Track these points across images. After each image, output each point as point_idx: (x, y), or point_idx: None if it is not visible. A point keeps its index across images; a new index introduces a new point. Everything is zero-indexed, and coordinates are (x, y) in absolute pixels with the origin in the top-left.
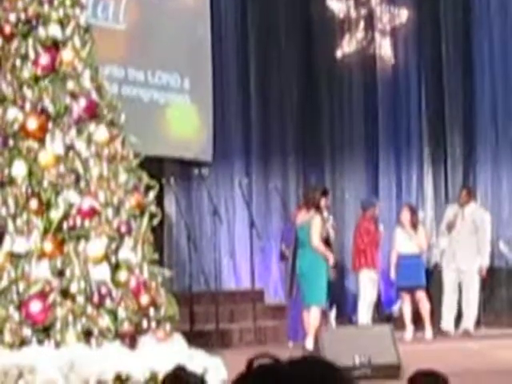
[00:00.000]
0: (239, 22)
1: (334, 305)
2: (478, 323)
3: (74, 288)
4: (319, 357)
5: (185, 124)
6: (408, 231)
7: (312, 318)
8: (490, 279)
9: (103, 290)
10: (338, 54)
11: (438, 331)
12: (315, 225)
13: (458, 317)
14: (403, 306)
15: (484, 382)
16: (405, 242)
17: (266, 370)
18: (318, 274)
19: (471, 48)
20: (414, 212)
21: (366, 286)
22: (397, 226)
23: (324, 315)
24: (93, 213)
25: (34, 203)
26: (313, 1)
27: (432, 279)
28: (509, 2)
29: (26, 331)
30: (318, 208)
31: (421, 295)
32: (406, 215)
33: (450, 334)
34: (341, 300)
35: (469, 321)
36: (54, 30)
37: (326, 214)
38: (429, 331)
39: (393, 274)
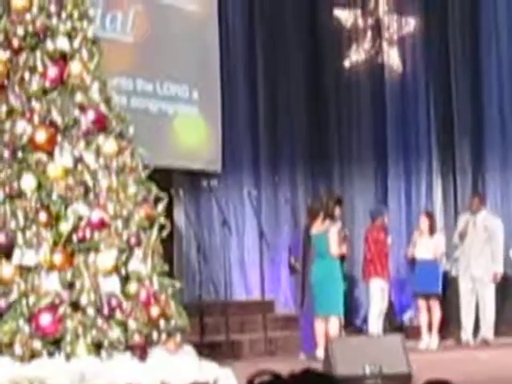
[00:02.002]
0: (247, 33)
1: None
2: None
3: (84, 300)
4: (319, 370)
5: (194, 135)
6: (426, 238)
7: (331, 328)
8: (502, 288)
9: (113, 302)
10: (346, 63)
11: (457, 341)
12: (332, 234)
13: (476, 326)
14: (420, 315)
15: None
16: (422, 248)
17: None
18: (336, 284)
19: (479, 56)
20: (432, 219)
21: (377, 296)
22: (415, 232)
23: (340, 325)
24: (102, 225)
25: (43, 216)
26: (320, 11)
27: (447, 288)
28: None
29: (37, 344)
30: (332, 217)
31: (434, 303)
32: (424, 222)
33: (470, 343)
34: (351, 310)
35: (487, 330)
36: (62, 43)
37: (339, 223)
38: (434, 341)
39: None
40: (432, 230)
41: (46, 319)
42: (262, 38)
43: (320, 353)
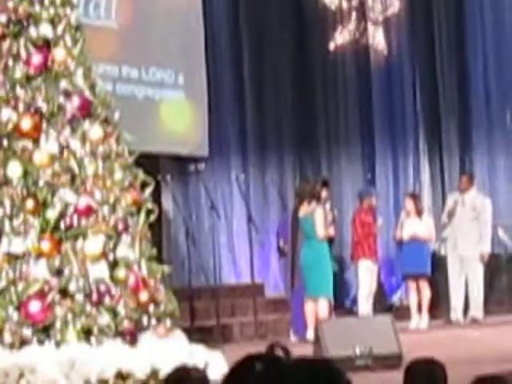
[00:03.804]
0: (231, 17)
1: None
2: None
3: (72, 287)
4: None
5: (180, 120)
6: (413, 219)
7: (320, 310)
8: (490, 266)
9: (102, 288)
10: (331, 45)
11: (446, 321)
12: (318, 216)
13: (466, 305)
14: (409, 295)
15: (483, 369)
16: (410, 229)
17: (269, 367)
18: (324, 266)
19: (464, 36)
20: (417, 200)
21: (365, 277)
22: (402, 214)
23: (330, 307)
24: (89, 211)
25: (30, 203)
26: None
27: (436, 268)
28: None
29: (26, 331)
30: (319, 199)
31: (423, 284)
32: (409, 203)
33: (460, 322)
34: (341, 291)
35: (476, 309)
36: (45, 30)
37: (328, 205)
38: (424, 320)
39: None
40: (418, 210)
41: (35, 307)
42: (247, 22)
43: (310, 334)
